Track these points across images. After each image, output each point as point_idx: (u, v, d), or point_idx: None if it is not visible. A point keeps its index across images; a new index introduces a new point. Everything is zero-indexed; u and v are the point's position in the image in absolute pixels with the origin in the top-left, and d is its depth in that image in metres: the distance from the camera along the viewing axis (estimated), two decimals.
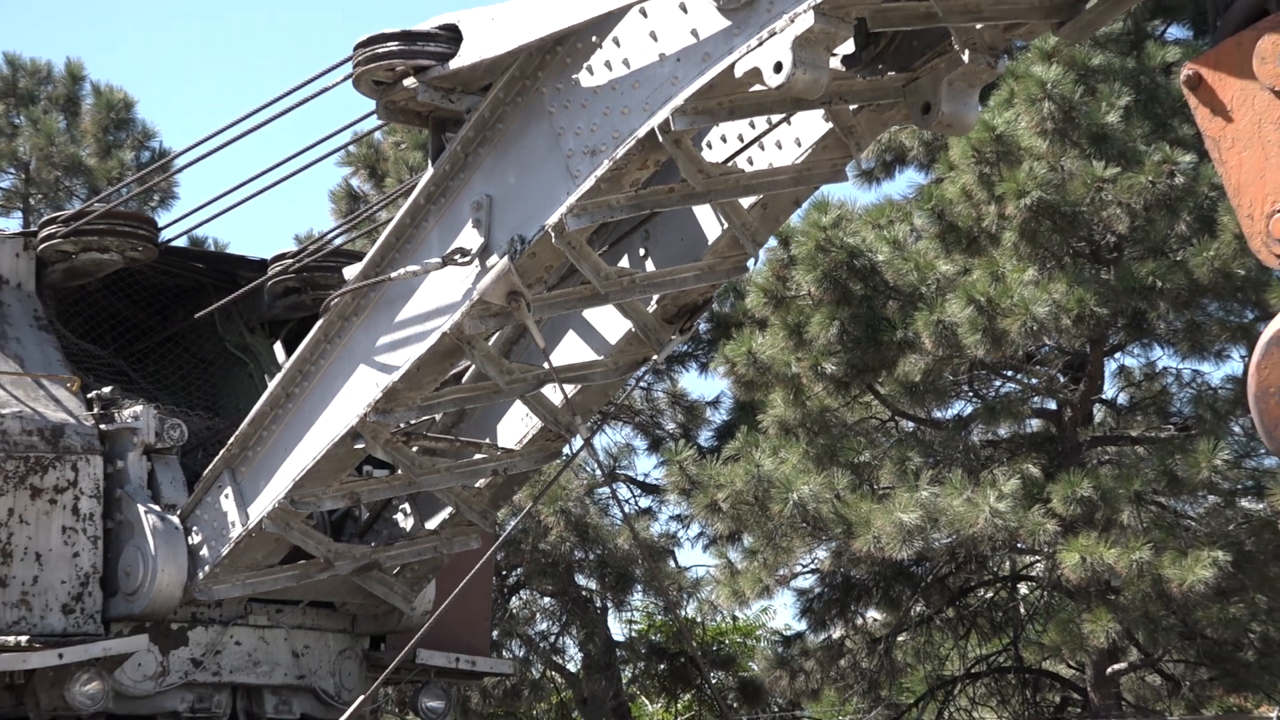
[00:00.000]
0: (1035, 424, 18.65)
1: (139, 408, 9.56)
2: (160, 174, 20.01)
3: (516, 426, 9.16)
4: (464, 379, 8.88)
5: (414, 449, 8.98)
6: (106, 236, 10.05)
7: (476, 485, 9.31)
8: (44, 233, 10.13)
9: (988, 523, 15.90)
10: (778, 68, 6.79)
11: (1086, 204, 16.21)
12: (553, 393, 8.71)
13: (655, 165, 7.63)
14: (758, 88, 7.06)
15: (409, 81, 7.99)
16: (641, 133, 7.35)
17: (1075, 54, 16.35)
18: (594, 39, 7.57)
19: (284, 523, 9.02)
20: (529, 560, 21.25)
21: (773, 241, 17.13)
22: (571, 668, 24.01)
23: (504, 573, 21.73)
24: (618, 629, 24.62)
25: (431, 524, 9.61)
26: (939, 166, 18.06)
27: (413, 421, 8.75)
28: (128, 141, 26.98)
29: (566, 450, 9.96)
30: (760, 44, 6.88)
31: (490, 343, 8.44)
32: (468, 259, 7.99)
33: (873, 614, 20.59)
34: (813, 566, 19.86)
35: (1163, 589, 15.56)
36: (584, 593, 22.62)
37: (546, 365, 8.42)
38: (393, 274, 8.30)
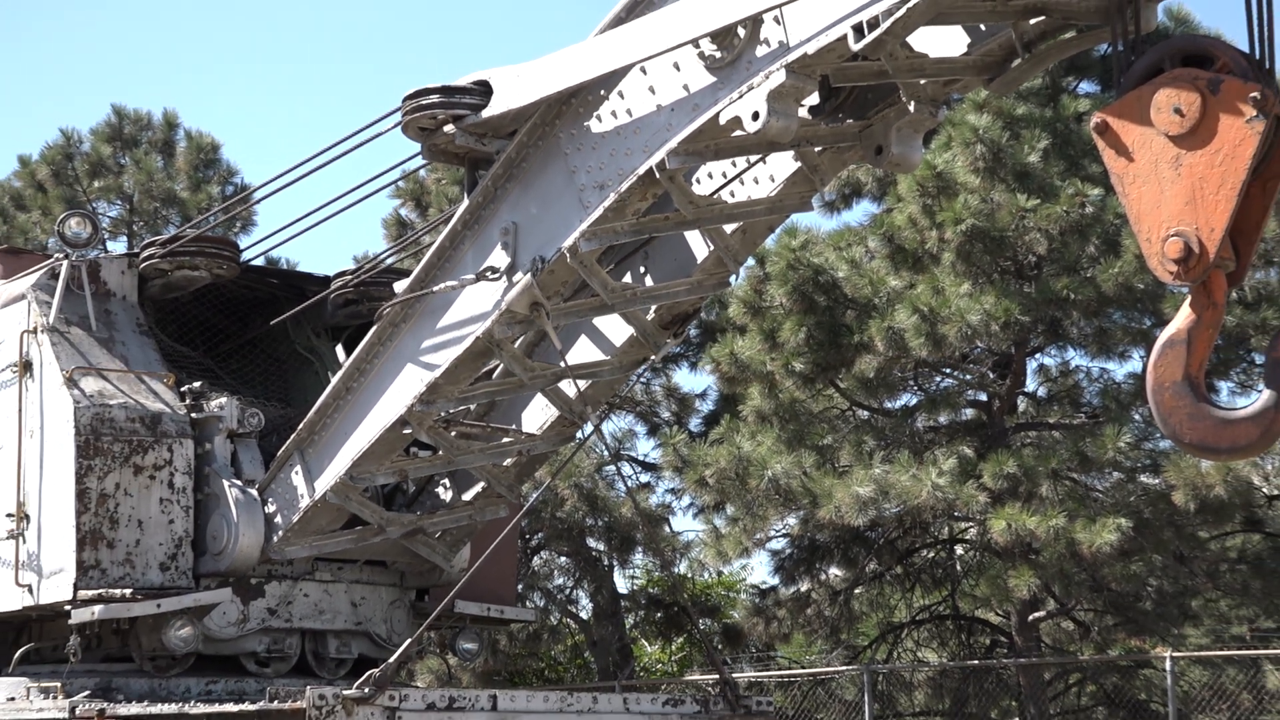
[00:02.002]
0: (969, 413, 18.62)
1: (224, 399, 9.55)
2: (241, 205, 19.98)
3: (538, 415, 9.15)
4: (494, 375, 8.87)
5: (452, 433, 8.96)
6: (197, 257, 10.03)
7: (504, 463, 9.29)
8: (145, 254, 10.12)
9: (930, 495, 15.88)
10: (755, 116, 6.80)
11: (1012, 230, 16.19)
12: (568, 386, 8.71)
13: (653, 197, 7.62)
14: (738, 133, 7.06)
15: (448, 128, 7.98)
16: (642, 170, 7.35)
17: (1002, 105, 16.33)
18: (602, 92, 7.57)
19: (344, 495, 9.01)
20: (548, 526, 21.22)
21: (751, 261, 17.09)
22: (584, 615, 23.97)
23: (527, 536, 21.69)
24: (622, 583, 24.57)
25: (467, 496, 9.60)
26: (889, 198, 18.03)
27: (451, 410, 8.74)
28: (215, 178, 26.95)
29: (579, 434, 9.93)
30: (740, 96, 6.88)
31: (516, 345, 8.43)
32: (497, 275, 7.98)
33: (834, 571, 20.53)
34: (784, 531, 19.82)
35: (1075, 550, 15.54)
36: (594, 553, 22.58)
37: (563, 364, 8.41)
38: (435, 288, 8.29)
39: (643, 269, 8.48)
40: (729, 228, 7.97)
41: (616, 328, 8.56)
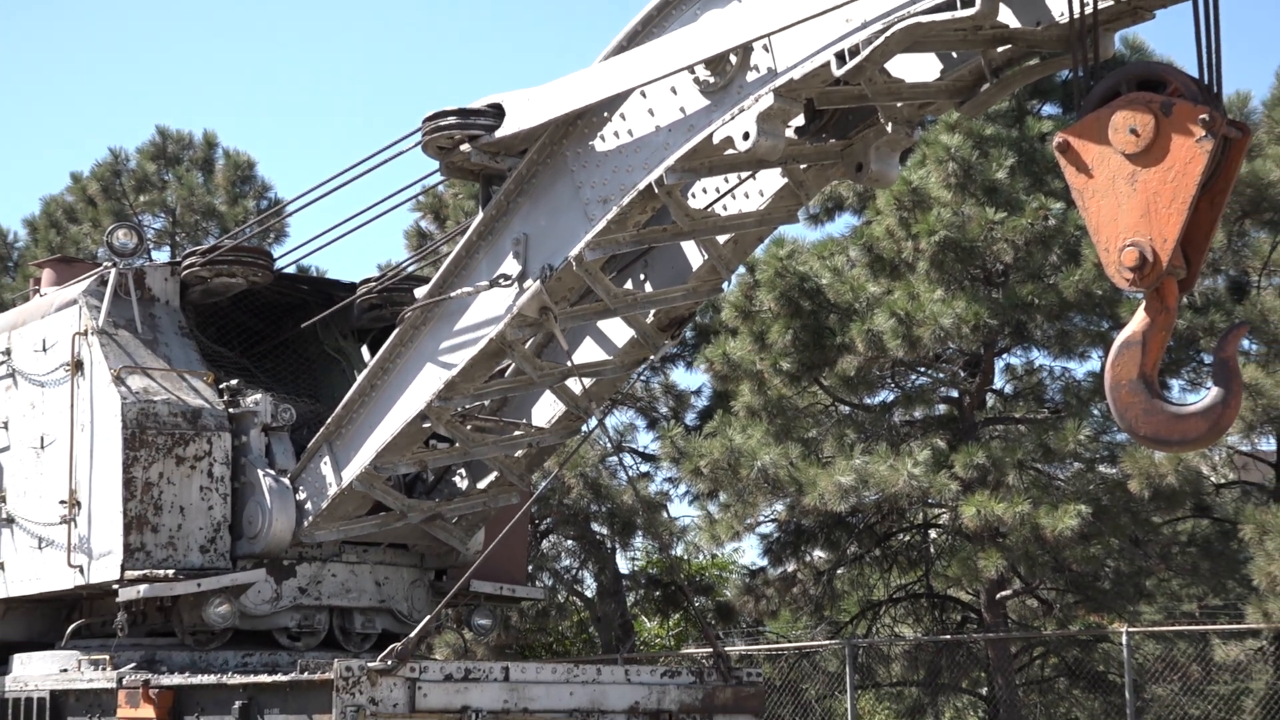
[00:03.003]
0: (942, 408, 18.60)
1: (259, 396, 9.56)
2: (275, 217, 19.97)
3: (546, 410, 9.15)
4: (506, 374, 8.87)
5: (468, 427, 8.97)
6: (234, 265, 10.05)
7: (516, 454, 9.30)
8: (186, 262, 10.13)
9: (906, 483, 15.86)
10: (745, 136, 6.81)
11: (981, 240, 16.18)
12: (574, 384, 8.71)
13: (652, 210, 7.63)
14: (730, 151, 7.07)
15: (465, 147, 7.98)
16: (642, 186, 7.35)
17: (972, 126, 16.32)
18: (605, 114, 7.57)
19: (369, 483, 9.02)
20: (556, 511, 21.20)
21: (742, 269, 17.09)
22: (588, 594, 23.94)
23: (537, 521, 21.67)
24: (624, 564, 24.51)
25: (481, 484, 9.60)
26: (869, 211, 18.01)
27: (467, 406, 8.74)
28: (250, 193, 26.91)
29: (584, 428, 9.93)
30: (732, 118, 6.89)
31: (526, 346, 8.43)
32: (509, 282, 7.98)
33: (818, 553, 20.51)
34: (772, 517, 19.78)
35: (1039, 534, 15.52)
36: (598, 537, 22.55)
37: (569, 363, 8.42)
38: (452, 294, 8.30)
39: (643, 276, 8.49)
40: (722, 238, 7.98)
41: (618, 330, 8.57)
